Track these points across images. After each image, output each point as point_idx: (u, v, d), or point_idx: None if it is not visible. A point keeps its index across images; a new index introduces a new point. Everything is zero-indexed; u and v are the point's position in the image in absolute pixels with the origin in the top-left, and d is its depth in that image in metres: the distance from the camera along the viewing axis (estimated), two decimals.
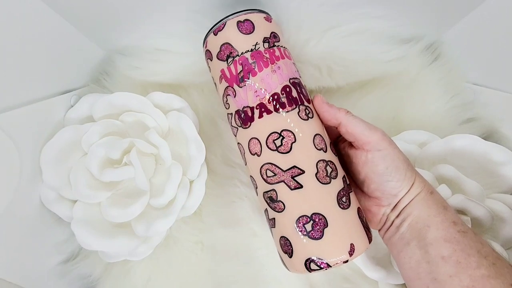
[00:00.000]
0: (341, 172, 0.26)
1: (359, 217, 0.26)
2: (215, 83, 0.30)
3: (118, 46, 0.42)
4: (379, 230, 0.28)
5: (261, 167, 0.26)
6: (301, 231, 0.24)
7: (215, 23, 0.29)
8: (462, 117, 0.41)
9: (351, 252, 0.24)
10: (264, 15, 0.29)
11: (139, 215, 0.34)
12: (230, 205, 0.40)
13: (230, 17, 0.28)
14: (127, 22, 0.38)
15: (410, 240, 0.25)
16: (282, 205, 0.25)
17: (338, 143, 0.30)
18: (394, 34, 0.41)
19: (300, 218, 0.24)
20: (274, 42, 0.28)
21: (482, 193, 0.32)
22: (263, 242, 0.39)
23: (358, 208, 0.26)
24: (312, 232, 0.24)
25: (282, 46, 0.29)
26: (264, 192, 0.27)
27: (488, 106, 0.41)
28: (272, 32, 0.29)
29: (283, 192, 0.25)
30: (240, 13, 0.28)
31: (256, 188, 0.28)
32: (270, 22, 0.29)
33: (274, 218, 0.26)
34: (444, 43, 0.42)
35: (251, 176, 0.28)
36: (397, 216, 0.26)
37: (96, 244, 0.33)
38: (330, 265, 0.24)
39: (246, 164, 0.29)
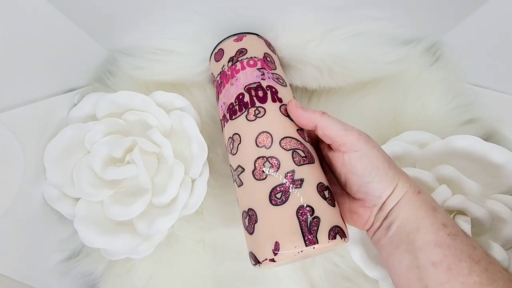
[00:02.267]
0: (285, 167, 0.25)
1: (298, 215, 0.23)
2: None
3: (121, 45, 0.42)
4: (367, 231, 0.27)
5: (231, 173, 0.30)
6: (244, 225, 0.26)
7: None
8: (462, 118, 0.42)
9: (275, 251, 0.22)
10: (235, 37, 0.34)
11: (141, 213, 0.35)
12: (232, 204, 0.40)
13: (212, 52, 0.36)
14: (130, 22, 0.39)
15: (399, 244, 0.24)
16: (237, 202, 0.28)
17: (319, 144, 0.30)
18: (395, 35, 0.42)
19: (243, 213, 0.26)
20: (238, 57, 0.32)
21: (482, 194, 0.33)
22: None
23: (301, 206, 0.23)
24: (248, 227, 0.25)
25: (246, 58, 0.32)
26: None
27: (489, 107, 0.41)
28: (238, 50, 0.33)
29: (236, 189, 0.28)
30: (218, 45, 0.35)
31: None
32: (240, 40, 0.34)
33: None
34: (444, 44, 0.43)
35: None
36: (385, 218, 0.25)
37: (98, 242, 0.34)
38: (260, 261, 0.23)
39: None
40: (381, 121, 0.42)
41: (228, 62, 0.32)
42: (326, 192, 0.25)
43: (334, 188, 0.28)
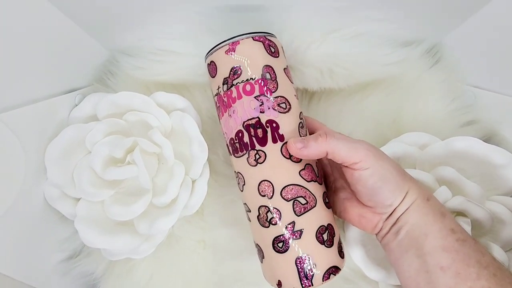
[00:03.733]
0: (285, 219, 0.26)
1: (296, 264, 0.26)
2: None
3: (122, 46, 0.42)
4: (376, 235, 0.28)
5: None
6: (257, 250, 0.29)
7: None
8: (462, 120, 0.42)
9: (279, 285, 0.27)
10: (226, 47, 0.28)
11: (142, 214, 0.35)
12: (232, 204, 0.40)
13: (205, 58, 0.30)
14: (131, 22, 0.39)
15: (408, 248, 0.24)
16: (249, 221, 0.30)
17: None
18: (395, 37, 0.42)
19: (255, 242, 0.30)
20: (233, 80, 0.28)
21: (482, 195, 0.33)
22: None
23: (299, 257, 0.26)
24: (258, 255, 0.29)
25: (241, 81, 0.27)
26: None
27: (489, 109, 0.41)
28: (232, 69, 0.28)
29: (246, 213, 0.30)
30: (210, 52, 0.29)
31: None
32: (233, 52, 0.28)
33: None
34: (445, 46, 0.43)
35: None
36: (394, 224, 0.25)
37: (98, 242, 0.34)
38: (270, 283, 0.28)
39: None
40: (381, 122, 0.42)
41: (223, 84, 0.28)
42: (325, 235, 0.27)
43: (345, 194, 0.29)
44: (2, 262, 0.30)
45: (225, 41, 0.28)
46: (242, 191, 0.29)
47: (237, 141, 0.28)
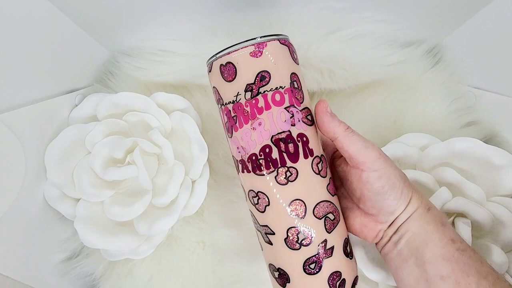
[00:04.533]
0: (318, 238, 0.25)
1: (329, 283, 0.25)
2: None
3: (122, 46, 0.43)
4: (376, 244, 0.28)
5: (249, 208, 0.27)
6: (272, 274, 0.27)
7: (208, 58, 0.26)
8: (463, 121, 0.42)
9: None
10: (252, 49, 0.24)
11: (142, 214, 0.35)
12: (232, 205, 0.40)
13: (215, 57, 0.25)
14: (132, 23, 0.39)
15: (408, 257, 0.24)
16: (261, 248, 0.28)
17: (334, 159, 0.29)
18: (395, 38, 0.42)
19: (270, 266, 0.27)
20: (259, 87, 0.24)
21: (482, 196, 0.33)
22: None
23: (331, 274, 0.25)
24: (278, 279, 0.26)
25: (271, 90, 0.24)
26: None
27: (489, 110, 0.41)
28: (259, 74, 0.24)
29: (260, 239, 0.27)
30: (224, 51, 0.24)
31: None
32: (259, 56, 0.24)
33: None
34: (445, 47, 0.43)
35: None
36: (395, 233, 0.26)
37: (98, 242, 0.34)
38: None
39: None
40: (382, 123, 0.42)
41: (246, 91, 0.24)
42: (348, 247, 0.26)
43: (346, 203, 0.28)
44: (2, 263, 0.30)
45: (246, 41, 0.24)
46: (262, 212, 0.25)
47: (261, 157, 0.24)
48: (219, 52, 0.25)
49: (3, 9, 0.28)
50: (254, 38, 0.24)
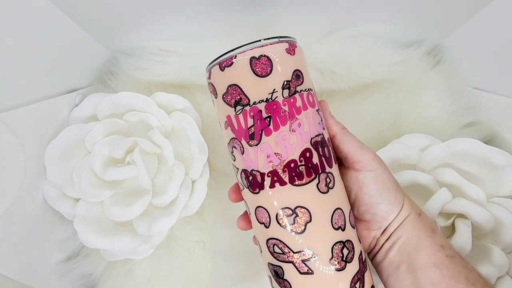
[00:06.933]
0: (358, 249, 0.23)
1: None
2: (219, 122, 0.24)
3: (123, 46, 0.43)
4: (367, 254, 0.27)
5: (268, 239, 0.22)
6: None
7: (222, 54, 0.22)
8: (463, 121, 0.42)
9: None
10: (286, 45, 0.22)
11: (141, 214, 0.35)
12: (232, 205, 0.40)
13: (242, 49, 0.21)
14: (132, 23, 0.39)
15: (399, 265, 0.24)
16: (289, 285, 0.22)
17: None
18: (395, 38, 0.42)
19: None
20: (296, 86, 0.22)
21: (483, 197, 0.32)
22: None
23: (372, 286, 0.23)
24: None
25: (305, 90, 0.22)
26: (269, 263, 0.23)
27: (489, 111, 0.41)
28: (295, 71, 0.22)
29: (290, 273, 0.22)
30: (255, 44, 0.21)
31: (260, 252, 0.24)
32: (293, 54, 0.22)
33: None
34: (445, 47, 0.43)
35: (255, 236, 0.24)
36: (387, 240, 0.25)
37: (98, 242, 0.34)
38: None
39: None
40: (382, 123, 0.42)
41: (283, 88, 0.21)
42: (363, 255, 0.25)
43: None
44: (1, 263, 0.30)
45: (273, 38, 0.22)
46: (301, 232, 0.21)
47: (302, 163, 0.21)
48: (244, 45, 0.21)
49: (3, 9, 0.28)
50: (273, 37, 0.22)
